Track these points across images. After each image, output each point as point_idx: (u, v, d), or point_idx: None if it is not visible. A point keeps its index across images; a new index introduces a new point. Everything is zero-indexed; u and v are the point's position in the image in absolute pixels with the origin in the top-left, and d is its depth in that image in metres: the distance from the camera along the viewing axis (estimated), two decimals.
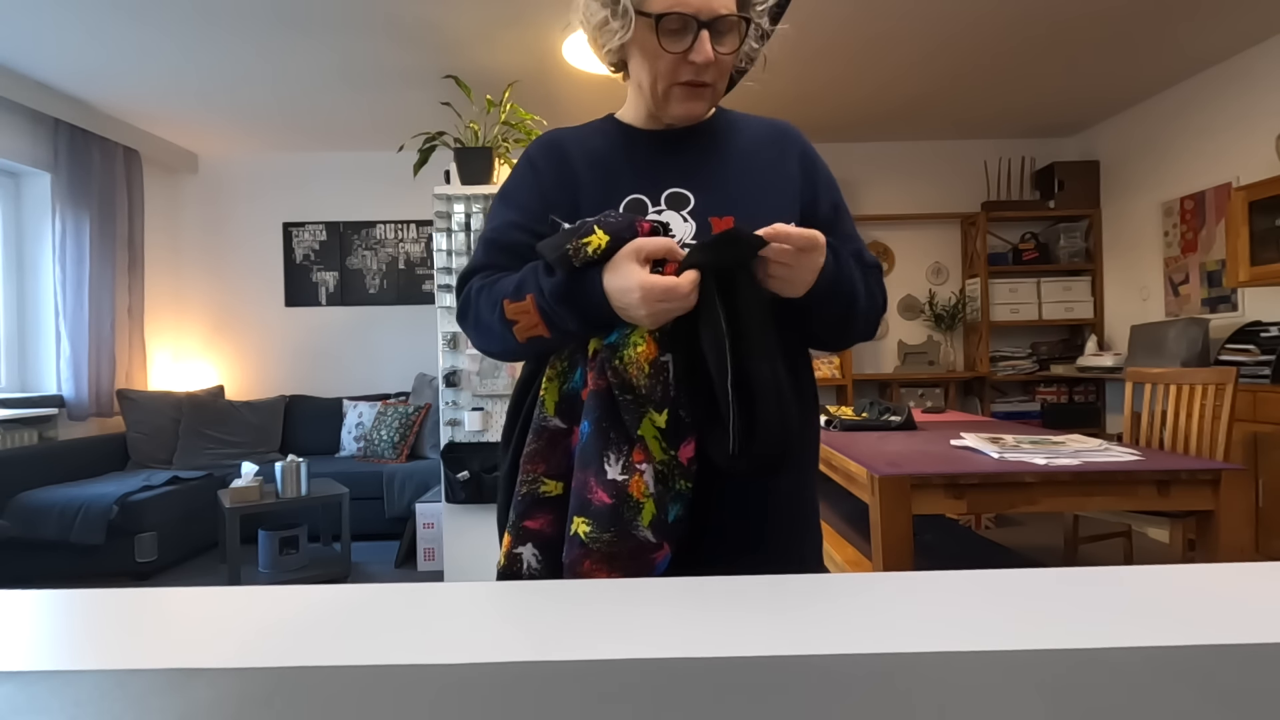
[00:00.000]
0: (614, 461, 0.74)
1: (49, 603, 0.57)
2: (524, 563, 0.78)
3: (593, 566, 0.73)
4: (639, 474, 0.74)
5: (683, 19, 0.77)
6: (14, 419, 3.37)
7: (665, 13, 0.76)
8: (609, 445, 0.75)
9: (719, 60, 0.79)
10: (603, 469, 0.74)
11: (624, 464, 0.74)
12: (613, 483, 0.73)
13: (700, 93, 0.82)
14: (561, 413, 0.79)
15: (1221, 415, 2.22)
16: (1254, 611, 0.51)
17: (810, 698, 0.39)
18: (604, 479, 0.74)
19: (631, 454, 0.75)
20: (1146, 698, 0.38)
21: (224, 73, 3.31)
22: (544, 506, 0.79)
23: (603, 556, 0.73)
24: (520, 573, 0.79)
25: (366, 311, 4.63)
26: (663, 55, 0.79)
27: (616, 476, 0.74)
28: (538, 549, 0.78)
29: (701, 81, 0.81)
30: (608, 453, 0.74)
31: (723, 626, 0.50)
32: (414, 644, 0.48)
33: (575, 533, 0.74)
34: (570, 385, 0.79)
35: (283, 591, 0.59)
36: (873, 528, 1.69)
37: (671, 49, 0.78)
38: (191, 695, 0.40)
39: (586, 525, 0.73)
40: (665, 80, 0.81)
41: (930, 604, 0.54)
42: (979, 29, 3.02)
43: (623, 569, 0.73)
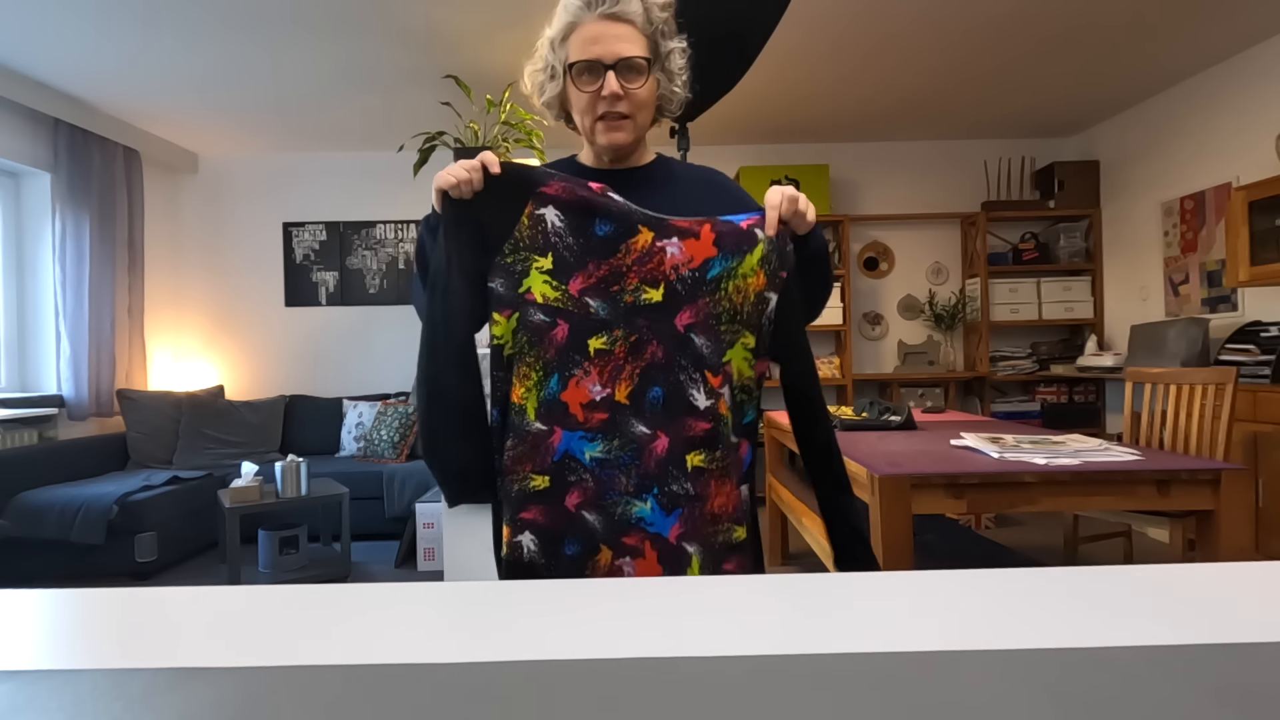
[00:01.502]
0: (700, 392, 0.90)
1: (49, 602, 0.57)
2: (524, 548, 0.90)
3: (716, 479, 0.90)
4: (720, 397, 0.90)
5: (590, 64, 0.94)
6: (14, 419, 3.37)
7: (577, 60, 0.94)
8: (692, 380, 0.90)
9: (629, 94, 0.95)
10: (691, 404, 0.89)
11: (706, 391, 0.89)
12: (709, 408, 0.89)
13: (620, 124, 0.97)
14: (541, 417, 0.90)
15: (1221, 415, 2.22)
16: (1254, 611, 0.51)
17: (810, 697, 0.39)
18: (693, 412, 0.89)
19: (709, 379, 0.90)
20: (1147, 697, 0.38)
21: (224, 73, 3.31)
22: (536, 499, 0.89)
23: (720, 470, 0.90)
24: (521, 558, 0.89)
25: (366, 311, 4.63)
26: (580, 95, 0.96)
27: (702, 404, 0.89)
28: (534, 535, 0.90)
29: (617, 112, 0.96)
30: (691, 391, 0.90)
31: (722, 626, 0.50)
32: (414, 643, 0.48)
33: (692, 466, 0.89)
34: (548, 393, 0.90)
35: (283, 591, 0.59)
36: (873, 527, 1.69)
37: (585, 89, 0.95)
38: (191, 695, 0.40)
39: (700, 459, 0.89)
40: (589, 116, 0.97)
41: (930, 603, 0.54)
42: (979, 30, 3.03)
43: (735, 473, 0.91)
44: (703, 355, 0.89)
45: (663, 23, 0.98)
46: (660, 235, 0.89)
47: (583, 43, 0.94)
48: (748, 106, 3.85)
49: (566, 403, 0.89)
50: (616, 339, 0.89)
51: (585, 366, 0.89)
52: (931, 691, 0.39)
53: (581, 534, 0.90)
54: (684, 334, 0.89)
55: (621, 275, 0.90)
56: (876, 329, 4.62)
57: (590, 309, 0.89)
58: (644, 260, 0.89)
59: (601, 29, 0.93)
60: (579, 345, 0.89)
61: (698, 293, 0.89)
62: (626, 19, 0.94)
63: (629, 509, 0.89)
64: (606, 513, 0.89)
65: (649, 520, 0.89)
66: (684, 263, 0.89)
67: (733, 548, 0.90)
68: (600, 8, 0.93)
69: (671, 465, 0.89)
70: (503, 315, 0.90)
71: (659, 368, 0.89)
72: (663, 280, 0.89)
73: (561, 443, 0.89)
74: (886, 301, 4.63)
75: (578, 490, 0.89)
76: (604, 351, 0.89)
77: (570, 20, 0.95)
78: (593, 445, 0.89)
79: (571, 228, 0.90)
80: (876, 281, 4.64)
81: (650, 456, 0.89)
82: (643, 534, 0.89)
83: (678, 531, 0.89)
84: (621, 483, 0.89)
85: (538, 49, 1.00)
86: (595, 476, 0.89)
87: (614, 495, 0.89)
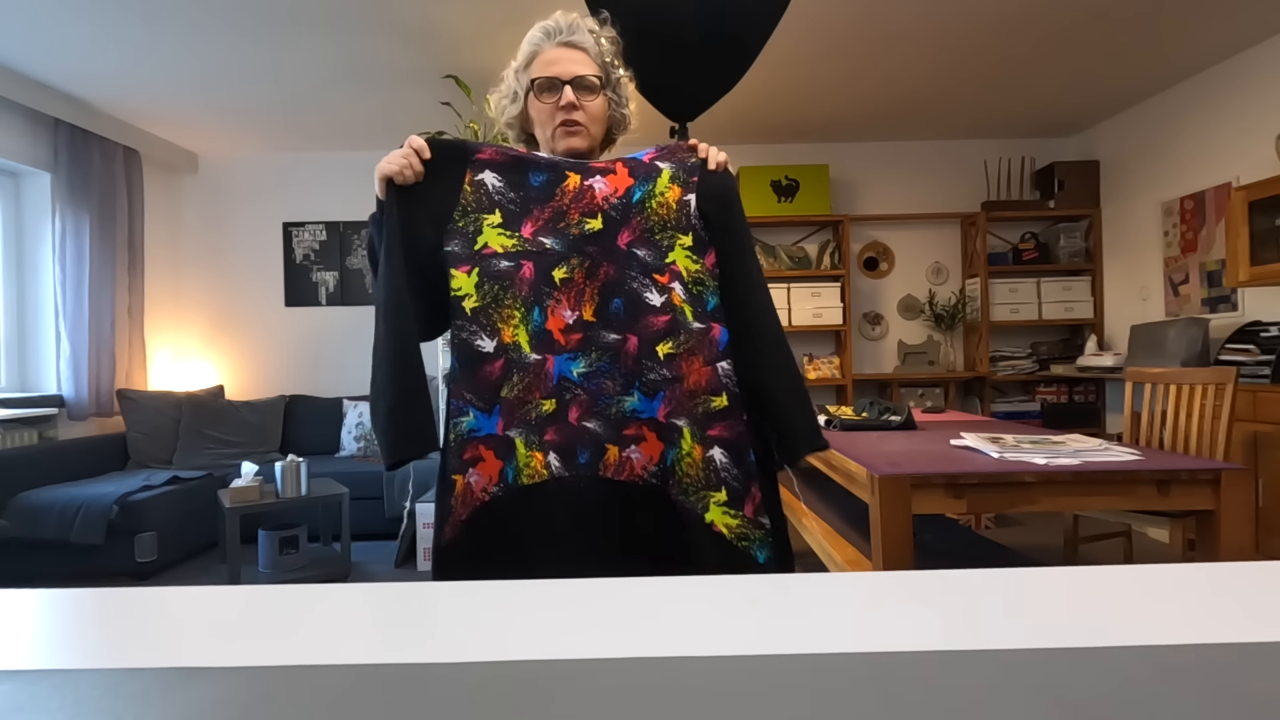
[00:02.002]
0: (654, 293, 1.02)
1: (49, 602, 0.58)
2: (551, 468, 1.00)
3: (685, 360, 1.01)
4: (671, 291, 1.02)
5: (549, 80, 1.08)
6: (14, 419, 3.37)
7: (538, 77, 1.09)
8: (643, 285, 1.02)
9: (583, 106, 1.08)
10: (648, 304, 1.01)
11: (658, 289, 1.02)
12: (664, 303, 1.01)
13: (576, 130, 1.09)
14: (534, 348, 1.01)
15: (1221, 415, 2.22)
16: (1254, 610, 0.51)
17: (809, 697, 0.39)
18: (652, 310, 1.01)
19: (657, 280, 1.02)
20: (1147, 697, 0.38)
21: (224, 72, 3.31)
22: (549, 421, 1.00)
23: (687, 352, 1.01)
24: (550, 478, 0.99)
25: (366, 311, 4.63)
26: (541, 107, 1.10)
27: (656, 302, 1.01)
28: (556, 453, 1.00)
29: (573, 120, 1.09)
30: (645, 294, 1.02)
31: (721, 625, 0.50)
32: (413, 642, 0.48)
33: (663, 354, 1.01)
34: (535, 325, 1.01)
35: (283, 590, 0.59)
36: (873, 527, 1.69)
37: (545, 101, 1.09)
38: (192, 694, 0.40)
39: (669, 346, 1.00)
40: (549, 125, 1.10)
41: (930, 603, 0.54)
42: (979, 29, 3.03)
43: (703, 355, 1.01)
44: (647, 263, 1.03)
45: (611, 54, 1.14)
46: (585, 176, 1.05)
47: (543, 64, 1.09)
48: (747, 106, 3.85)
49: (550, 330, 1.01)
50: (574, 266, 1.02)
51: (556, 295, 1.02)
52: (931, 691, 0.39)
53: (589, 441, 1.01)
54: (628, 250, 1.03)
55: (563, 213, 1.03)
56: (876, 329, 4.62)
57: (546, 246, 1.02)
58: (579, 198, 1.04)
59: (559, 54, 1.09)
60: (546, 278, 1.02)
61: (629, 214, 1.04)
62: (580, 47, 1.10)
63: (621, 405, 1.02)
64: (603, 417, 1.01)
65: (640, 409, 1.02)
66: (610, 194, 1.04)
67: (714, 415, 1.02)
68: (558, 37, 1.09)
69: (645, 359, 1.01)
70: (461, 271, 1.01)
71: (614, 283, 1.03)
72: (599, 211, 1.04)
73: (555, 368, 1.01)
74: (886, 301, 4.63)
75: (575, 405, 1.01)
76: (566, 280, 1.02)
77: (532, 50, 1.10)
78: (576, 363, 1.02)
79: (510, 184, 1.04)
80: (876, 281, 4.64)
81: (626, 357, 1.02)
82: (639, 422, 1.02)
83: (665, 410, 1.01)
84: (609, 387, 1.02)
85: (503, 78, 1.15)
86: (586, 390, 1.01)
87: (605, 400, 1.02)
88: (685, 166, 1.07)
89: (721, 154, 1.10)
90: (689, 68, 1.89)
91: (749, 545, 1.00)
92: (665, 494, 1.00)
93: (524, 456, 0.99)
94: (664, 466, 1.01)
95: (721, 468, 1.00)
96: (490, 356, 1.00)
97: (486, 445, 1.00)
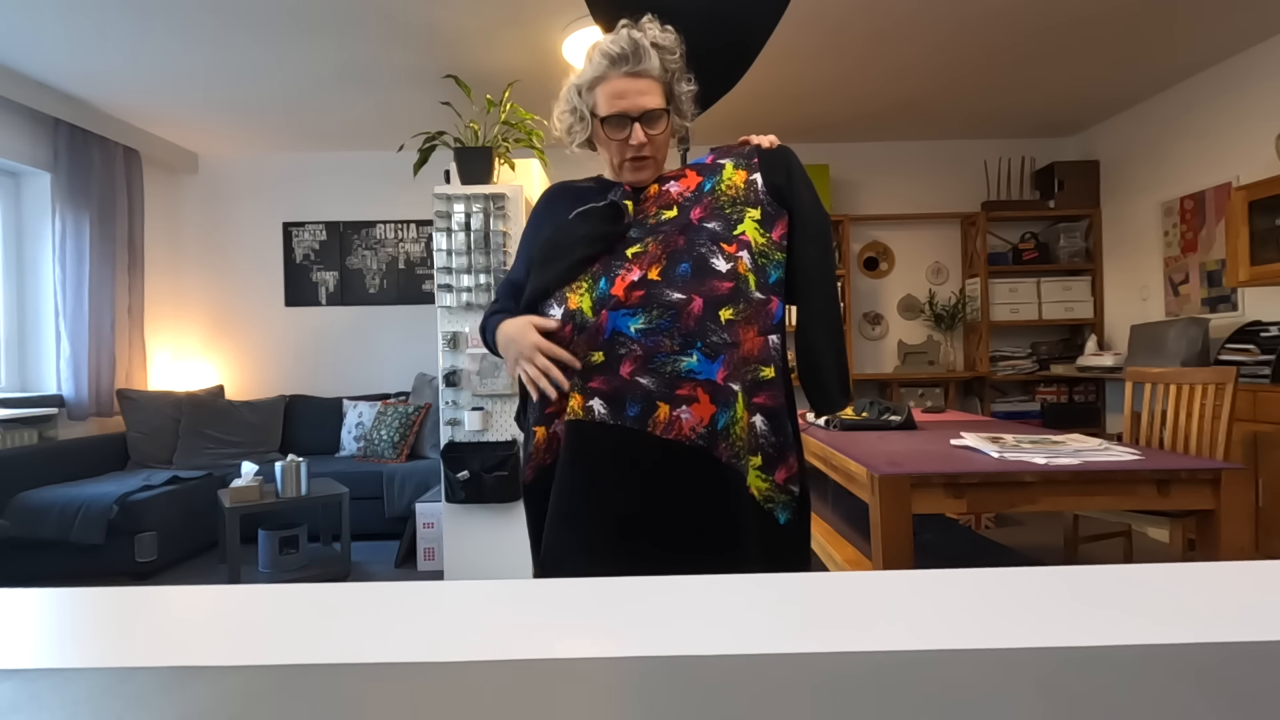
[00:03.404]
0: (720, 259, 1.07)
1: (49, 601, 0.58)
2: (594, 411, 1.04)
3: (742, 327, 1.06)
4: (739, 259, 1.07)
5: (620, 118, 1.09)
6: (14, 419, 3.37)
7: (607, 115, 1.10)
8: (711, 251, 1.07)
9: (652, 140, 1.11)
10: (714, 269, 1.06)
11: (725, 257, 1.07)
12: (730, 270, 1.06)
13: (644, 164, 1.14)
14: (595, 311, 1.06)
15: (1221, 415, 2.22)
16: (1254, 609, 0.51)
17: (810, 696, 0.39)
18: (717, 275, 1.06)
19: (725, 248, 1.07)
20: (1147, 695, 0.38)
21: (224, 72, 3.31)
22: (597, 371, 1.05)
23: (745, 320, 1.06)
24: (594, 419, 1.04)
25: (366, 311, 4.63)
26: (610, 143, 1.12)
27: (723, 268, 1.06)
28: (602, 400, 1.05)
29: (642, 156, 1.12)
30: (712, 260, 1.07)
31: (722, 624, 0.50)
32: (414, 642, 0.48)
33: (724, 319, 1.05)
34: (599, 293, 1.07)
35: (282, 590, 0.59)
36: (873, 527, 1.69)
37: (615, 138, 1.11)
38: (191, 693, 0.40)
39: (730, 312, 1.05)
40: (617, 158, 1.14)
41: (930, 602, 0.54)
42: (979, 28, 3.03)
43: (758, 325, 1.07)
44: (716, 232, 1.09)
45: (677, 70, 1.14)
46: (662, 184, 1.15)
47: (609, 97, 1.10)
48: (747, 105, 3.85)
49: (614, 294, 1.06)
50: (647, 244, 1.09)
51: (627, 265, 1.07)
52: (931, 691, 0.39)
53: (640, 396, 1.04)
54: (698, 224, 1.10)
55: (644, 212, 1.12)
56: (876, 329, 4.62)
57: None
58: (658, 199, 1.13)
59: (626, 85, 1.09)
60: (619, 255, 1.09)
61: (702, 197, 1.12)
62: (647, 75, 1.10)
63: (678, 365, 1.04)
64: (657, 374, 1.04)
65: (697, 370, 1.04)
66: (683, 191, 1.13)
67: (761, 384, 1.07)
68: (625, 66, 1.09)
69: (709, 320, 1.04)
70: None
71: (683, 250, 1.08)
72: (675, 204, 1.12)
73: (609, 323, 1.05)
74: (886, 301, 4.63)
75: (629, 360, 1.05)
76: (639, 254, 1.08)
77: (597, 75, 1.10)
78: (635, 319, 1.05)
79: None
80: (876, 281, 4.64)
81: (689, 317, 1.04)
82: (694, 383, 1.04)
83: (723, 374, 1.04)
84: (666, 345, 1.04)
85: (564, 92, 1.15)
86: (642, 345, 1.04)
87: (661, 357, 1.04)
88: (744, 154, 1.16)
89: (769, 136, 1.19)
90: (689, 68, 1.89)
91: (773, 507, 1.08)
92: (712, 455, 1.04)
93: (572, 400, 1.06)
94: (713, 430, 1.04)
95: (760, 434, 1.07)
96: (560, 324, 1.08)
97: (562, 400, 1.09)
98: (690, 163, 1.18)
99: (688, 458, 1.03)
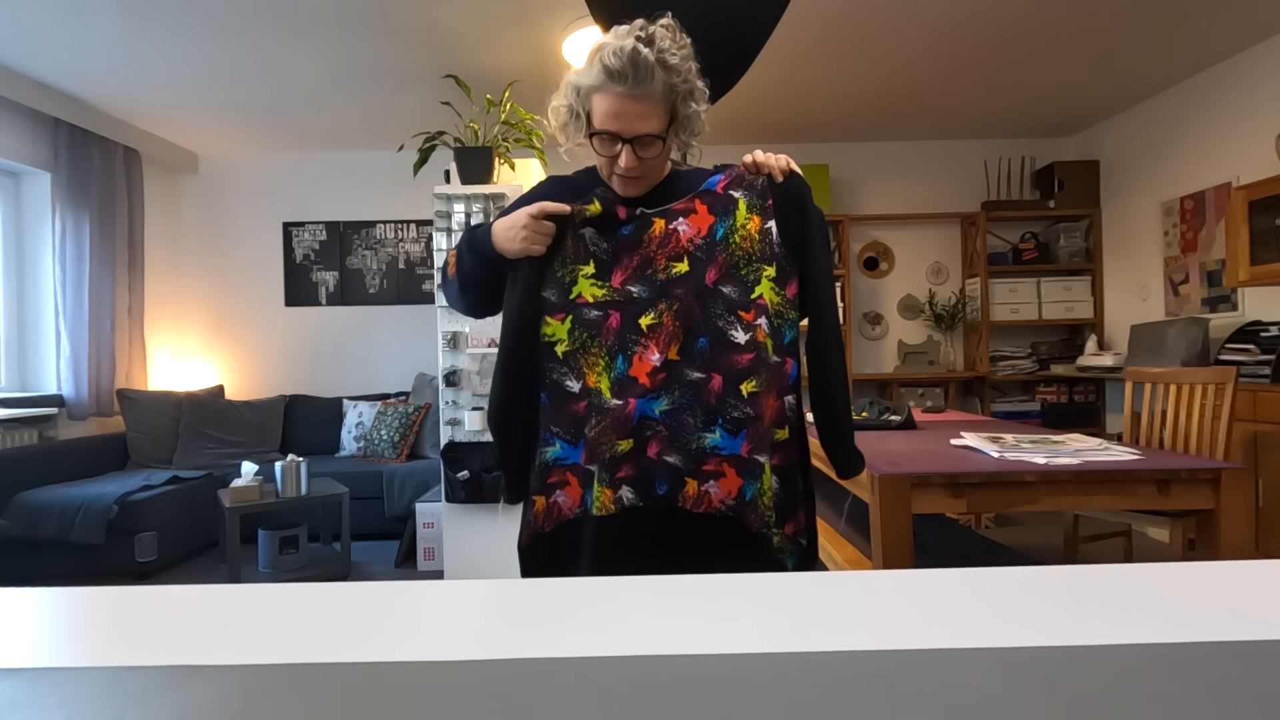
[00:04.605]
0: (739, 330, 1.04)
1: (49, 601, 0.58)
2: (624, 500, 1.03)
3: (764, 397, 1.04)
4: (758, 327, 1.04)
5: (611, 134, 1.01)
6: (14, 419, 3.37)
7: (598, 130, 1.02)
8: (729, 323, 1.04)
9: (643, 162, 1.03)
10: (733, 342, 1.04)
11: (743, 327, 1.04)
12: (749, 340, 1.04)
13: (633, 183, 1.07)
14: (615, 394, 1.03)
15: (1221, 415, 2.22)
16: (1254, 609, 0.51)
17: (810, 695, 0.39)
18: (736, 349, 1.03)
19: (743, 317, 1.04)
20: (1147, 694, 0.38)
21: (224, 72, 3.31)
22: (625, 459, 1.03)
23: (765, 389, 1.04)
24: (626, 509, 1.03)
25: (366, 311, 4.63)
26: (600, 155, 1.06)
27: (741, 339, 1.03)
28: (630, 486, 1.03)
29: (630, 176, 1.05)
30: (730, 332, 1.04)
31: (722, 623, 0.50)
32: (414, 642, 0.48)
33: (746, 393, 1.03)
34: (618, 373, 1.04)
35: (282, 589, 0.59)
36: (873, 527, 1.69)
37: (604, 153, 1.04)
38: (191, 692, 0.40)
39: (752, 385, 1.03)
40: (605, 170, 1.08)
41: (930, 602, 0.54)
42: (979, 27, 3.03)
43: (776, 389, 1.05)
44: (733, 300, 1.04)
45: (685, 91, 1.02)
46: (669, 220, 1.06)
47: (604, 113, 1.01)
48: (747, 105, 3.85)
49: (635, 376, 1.03)
50: (661, 311, 1.03)
51: (643, 342, 1.03)
52: (931, 690, 0.39)
53: (668, 474, 1.03)
54: (714, 289, 1.04)
55: (650, 260, 1.05)
56: (876, 329, 4.62)
57: (633, 294, 1.05)
58: (664, 242, 1.05)
59: (622, 105, 0.99)
60: (632, 326, 1.04)
61: (714, 252, 1.05)
62: (647, 98, 0.99)
63: (702, 441, 1.03)
64: (684, 450, 1.03)
65: (721, 445, 1.03)
66: (695, 235, 1.05)
67: (775, 445, 1.07)
68: (622, 85, 0.98)
69: (729, 396, 1.03)
70: (555, 319, 1.06)
71: (699, 321, 1.04)
72: (685, 254, 1.05)
73: (636, 410, 1.03)
74: (886, 301, 4.63)
75: (655, 441, 1.03)
76: (654, 325, 1.04)
77: (594, 84, 1.00)
78: (659, 401, 1.03)
79: (604, 235, 1.07)
80: (876, 281, 4.64)
81: (709, 394, 1.03)
82: (719, 458, 1.03)
83: (747, 447, 1.03)
84: (690, 423, 1.03)
85: (563, 85, 1.06)
86: (667, 425, 1.03)
87: (686, 435, 1.03)
88: (757, 191, 1.08)
89: (780, 159, 1.09)
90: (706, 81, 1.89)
91: (781, 556, 1.09)
92: (744, 526, 1.04)
93: (598, 491, 1.04)
94: (741, 501, 1.04)
95: (773, 492, 1.08)
96: (576, 397, 1.06)
97: (573, 473, 1.07)
98: (700, 189, 1.08)
99: (719, 530, 1.03)
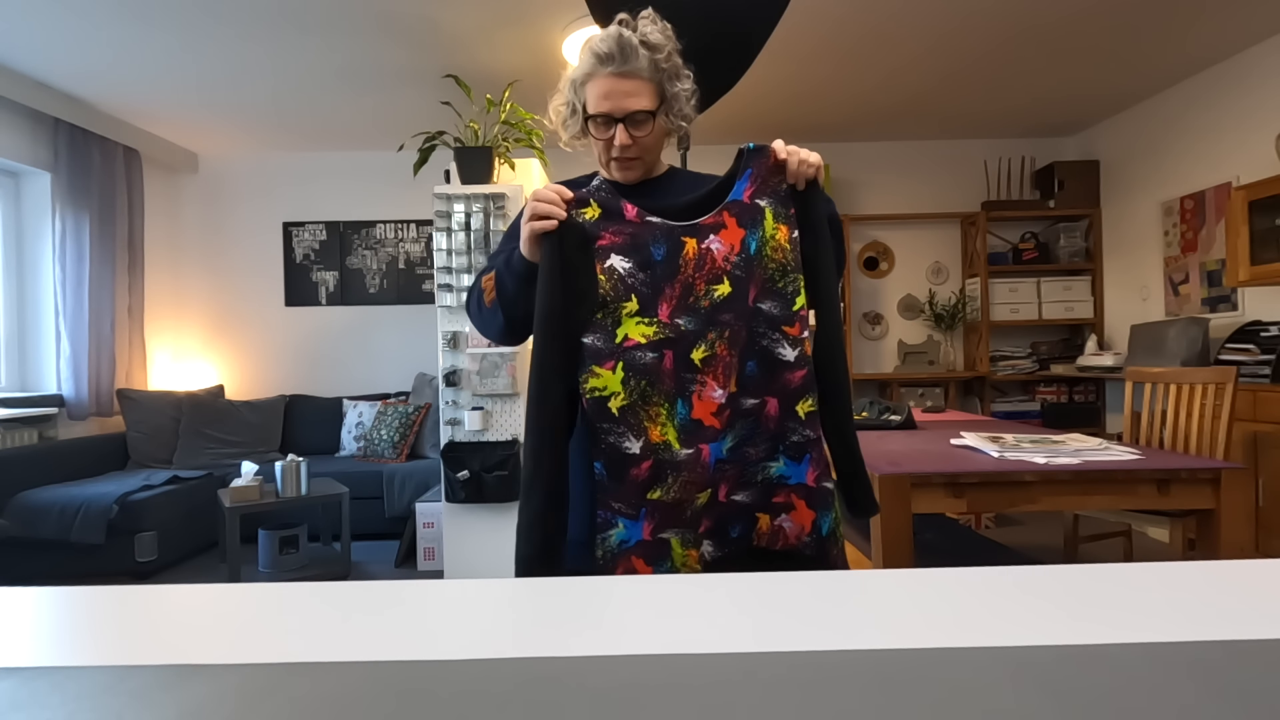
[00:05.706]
0: (786, 347, 0.99)
1: (49, 600, 0.58)
2: (706, 556, 0.98)
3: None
4: (804, 340, 0.99)
5: (603, 117, 1.05)
6: (14, 418, 3.37)
7: (592, 114, 1.06)
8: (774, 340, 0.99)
9: (637, 141, 1.06)
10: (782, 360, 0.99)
11: (790, 342, 0.99)
12: (798, 356, 0.99)
13: (630, 164, 1.10)
14: (684, 443, 0.95)
15: (1221, 415, 2.22)
16: (1254, 608, 0.51)
17: (810, 694, 0.39)
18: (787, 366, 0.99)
19: (788, 332, 0.99)
20: (1147, 694, 0.38)
21: (224, 72, 3.31)
22: (704, 513, 0.98)
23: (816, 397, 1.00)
24: (708, 564, 0.98)
25: (366, 311, 4.63)
26: (596, 141, 1.09)
27: (790, 356, 0.99)
28: (710, 541, 0.99)
29: (627, 157, 1.08)
30: (778, 350, 0.99)
31: (722, 623, 0.50)
32: (414, 641, 0.48)
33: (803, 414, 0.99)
34: (681, 418, 0.95)
35: (282, 589, 0.59)
36: (873, 526, 1.69)
37: (599, 137, 1.08)
38: (191, 691, 0.40)
39: (809, 404, 0.99)
40: (604, 156, 1.10)
41: (930, 601, 0.54)
42: (979, 27, 3.03)
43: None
44: (775, 316, 0.99)
45: (670, 69, 1.07)
46: (700, 238, 0.98)
47: (596, 96, 1.05)
48: (747, 105, 3.85)
49: (699, 419, 0.95)
50: (713, 342, 0.96)
51: (699, 379, 0.96)
52: (931, 689, 0.39)
53: (739, 514, 1.00)
54: (754, 308, 0.99)
55: (691, 286, 0.97)
56: (876, 329, 4.62)
57: (682, 327, 0.96)
58: (700, 265, 0.97)
59: (612, 85, 1.04)
60: (685, 363, 0.96)
61: (751, 269, 0.99)
62: (635, 75, 1.04)
63: (768, 472, 0.99)
64: (751, 485, 0.99)
65: (787, 474, 0.99)
66: (729, 253, 0.98)
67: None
68: (611, 66, 1.03)
69: (787, 420, 0.99)
70: (605, 368, 0.93)
71: (744, 345, 0.99)
72: (724, 274, 0.98)
73: (711, 456, 0.96)
74: (886, 301, 4.63)
75: (724, 482, 0.98)
76: (708, 358, 0.96)
77: (586, 72, 1.06)
78: (726, 440, 0.98)
79: (637, 264, 0.95)
80: (876, 281, 4.64)
81: (768, 420, 0.99)
82: (787, 489, 0.99)
83: (813, 474, 0.99)
84: (752, 454, 0.99)
85: (561, 83, 1.11)
86: (732, 463, 0.98)
87: (751, 467, 0.99)
88: (781, 198, 1.01)
89: (808, 164, 1.02)
90: (690, 68, 1.89)
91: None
92: (828, 563, 0.98)
93: (680, 556, 0.95)
94: (818, 535, 0.98)
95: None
96: (637, 458, 0.93)
97: (638, 554, 0.94)
98: (727, 201, 1.00)
99: (799, 565, 0.97)
